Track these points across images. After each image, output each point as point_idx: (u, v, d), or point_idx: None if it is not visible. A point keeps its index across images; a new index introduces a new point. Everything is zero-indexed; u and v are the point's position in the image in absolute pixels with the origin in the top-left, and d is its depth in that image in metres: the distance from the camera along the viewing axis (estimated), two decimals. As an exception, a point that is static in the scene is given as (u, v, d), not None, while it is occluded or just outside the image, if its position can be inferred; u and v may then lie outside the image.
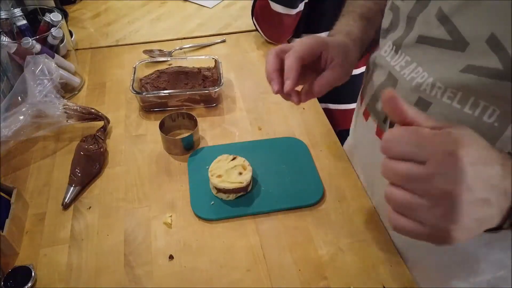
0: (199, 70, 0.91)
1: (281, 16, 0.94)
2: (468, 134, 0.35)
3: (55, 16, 0.87)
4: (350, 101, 1.08)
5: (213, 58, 0.91)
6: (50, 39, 0.86)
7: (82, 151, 0.72)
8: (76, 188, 0.68)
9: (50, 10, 0.88)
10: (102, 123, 0.79)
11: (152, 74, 0.90)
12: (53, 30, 0.85)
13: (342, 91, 1.02)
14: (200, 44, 1.05)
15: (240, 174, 0.66)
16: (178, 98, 0.84)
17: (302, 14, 0.97)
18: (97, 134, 0.76)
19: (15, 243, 0.60)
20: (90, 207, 0.67)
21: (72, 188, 0.68)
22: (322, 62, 0.56)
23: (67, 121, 0.77)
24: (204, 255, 0.60)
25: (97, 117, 0.79)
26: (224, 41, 1.07)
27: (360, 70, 1.01)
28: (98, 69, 0.98)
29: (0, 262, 0.58)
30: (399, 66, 0.53)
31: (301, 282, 0.57)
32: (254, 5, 1.01)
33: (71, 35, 1.01)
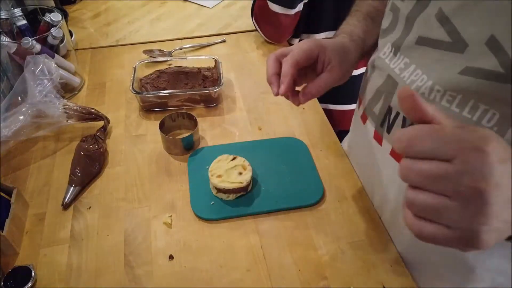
0: (199, 70, 0.91)
1: (279, 16, 0.94)
2: (491, 132, 0.33)
3: (55, 16, 0.87)
4: (349, 101, 1.08)
5: (213, 58, 0.91)
6: (50, 39, 0.86)
7: (82, 151, 0.72)
8: (76, 188, 0.68)
9: (50, 10, 0.88)
10: (102, 123, 0.79)
11: (152, 74, 0.90)
12: (53, 30, 0.85)
13: (341, 92, 1.02)
14: (200, 44, 1.05)
15: (240, 174, 0.66)
16: (178, 98, 0.84)
17: (302, 14, 0.97)
18: (97, 134, 0.76)
19: (15, 243, 0.60)
20: (90, 207, 0.67)
21: (72, 188, 0.68)
22: (319, 64, 0.57)
23: (67, 121, 0.77)
24: (204, 255, 0.60)
25: (97, 117, 0.79)
26: (224, 41, 1.07)
27: (360, 71, 1.01)
28: (98, 69, 0.98)
29: (0, 262, 0.58)
30: (398, 68, 0.53)
31: (301, 282, 0.57)
32: (253, 5, 1.01)
33: (71, 35, 1.01)
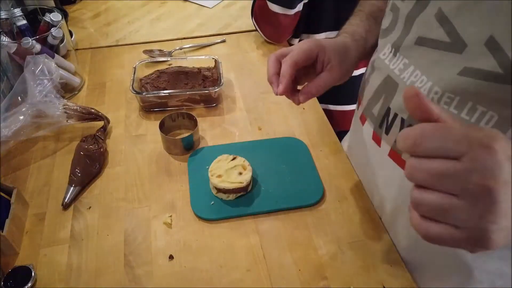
0: (199, 70, 0.91)
1: (279, 16, 0.94)
2: (497, 131, 0.33)
3: (55, 16, 0.87)
4: (349, 102, 1.08)
5: (213, 58, 0.91)
6: (50, 39, 0.86)
7: (82, 151, 0.72)
8: (76, 188, 0.68)
9: (50, 10, 0.88)
10: (102, 123, 0.79)
11: (152, 74, 0.90)
12: (53, 30, 0.85)
13: (341, 92, 1.02)
14: (200, 44, 1.05)
15: (240, 174, 0.66)
16: (178, 98, 0.84)
17: (302, 14, 0.97)
18: (97, 134, 0.76)
19: (15, 243, 0.60)
20: (90, 207, 0.67)
21: (72, 188, 0.68)
22: (318, 64, 0.58)
23: (67, 121, 0.77)
24: (204, 255, 0.60)
25: (97, 117, 0.79)
26: (224, 41, 1.07)
27: (360, 71, 1.01)
28: (98, 69, 0.98)
29: (0, 262, 0.58)
30: (398, 69, 0.53)
31: (301, 282, 0.57)
32: (253, 5, 1.01)
33: (71, 35, 1.01)
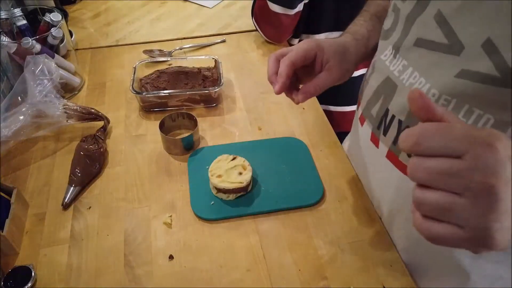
0: (199, 70, 0.91)
1: (279, 16, 0.94)
2: (497, 131, 0.33)
3: (55, 16, 0.87)
4: (349, 103, 1.07)
5: (213, 58, 0.91)
6: (50, 39, 0.86)
7: (82, 151, 0.72)
8: (76, 188, 0.68)
9: (50, 10, 0.88)
10: (102, 123, 0.79)
11: (152, 74, 0.90)
12: (53, 30, 0.85)
13: (341, 93, 1.02)
14: (200, 44, 1.05)
15: (240, 174, 0.66)
16: (178, 98, 0.84)
17: (302, 15, 0.97)
18: (97, 134, 0.76)
19: (15, 243, 0.60)
20: (90, 207, 0.67)
21: (72, 188, 0.68)
22: (317, 64, 0.58)
23: (67, 121, 0.77)
24: (204, 255, 0.60)
25: (97, 117, 0.79)
26: (224, 41, 1.07)
27: (359, 72, 1.01)
28: (98, 69, 0.97)
29: (0, 262, 0.58)
30: (397, 70, 0.53)
31: (301, 282, 0.57)
32: (253, 5, 1.01)
33: (71, 35, 1.01)
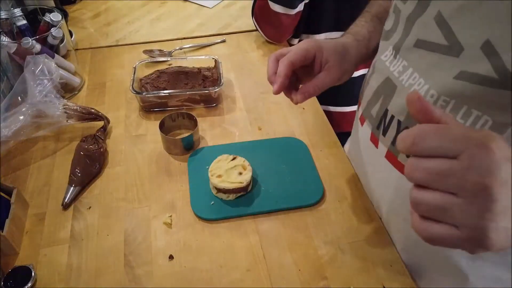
0: (199, 70, 0.91)
1: (280, 16, 0.94)
2: (494, 132, 0.33)
3: (55, 16, 0.87)
4: (349, 103, 1.07)
5: (213, 58, 0.91)
6: (50, 39, 0.86)
7: (82, 151, 0.72)
8: (76, 188, 0.68)
9: (50, 10, 0.88)
10: (102, 123, 0.79)
11: (152, 74, 0.90)
12: (53, 30, 0.85)
13: (341, 93, 1.02)
14: (200, 44, 1.05)
15: (240, 174, 0.66)
16: (178, 98, 0.84)
17: (302, 14, 0.97)
18: (97, 134, 0.76)
19: (15, 243, 0.60)
20: (90, 207, 0.67)
21: (72, 188, 0.68)
22: (316, 64, 0.58)
23: (67, 121, 0.77)
24: (204, 255, 0.60)
25: (97, 117, 0.79)
26: (224, 41, 1.07)
27: (359, 73, 1.01)
28: (98, 69, 0.98)
29: (0, 262, 0.58)
30: (397, 71, 0.53)
31: (301, 282, 0.57)
32: (254, 5, 1.01)
33: (71, 35, 1.01)
